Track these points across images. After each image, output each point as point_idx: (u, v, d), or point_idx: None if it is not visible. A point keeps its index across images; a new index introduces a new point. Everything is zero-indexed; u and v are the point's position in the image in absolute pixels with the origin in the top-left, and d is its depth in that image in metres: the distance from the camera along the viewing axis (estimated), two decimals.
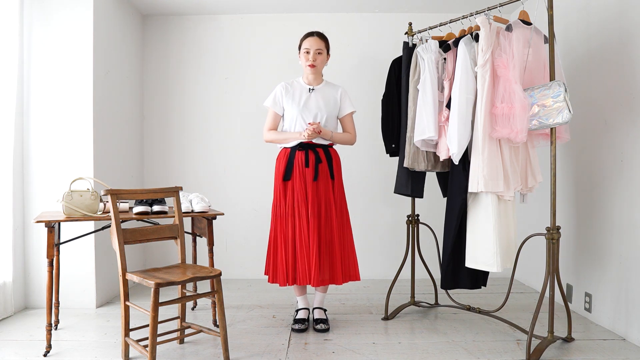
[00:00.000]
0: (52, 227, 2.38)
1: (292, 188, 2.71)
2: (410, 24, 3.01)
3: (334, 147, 2.83)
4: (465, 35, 2.57)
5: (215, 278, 2.26)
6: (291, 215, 2.69)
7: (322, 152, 2.74)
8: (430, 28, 2.86)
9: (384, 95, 3.02)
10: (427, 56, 2.64)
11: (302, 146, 2.72)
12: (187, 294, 2.52)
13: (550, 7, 2.32)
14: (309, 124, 2.64)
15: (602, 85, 2.80)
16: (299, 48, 2.79)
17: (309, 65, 2.72)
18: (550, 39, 2.33)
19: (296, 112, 2.72)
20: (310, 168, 2.69)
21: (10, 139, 3.02)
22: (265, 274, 2.79)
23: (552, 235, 2.33)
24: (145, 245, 4.04)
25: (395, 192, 2.90)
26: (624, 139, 2.61)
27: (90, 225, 3.07)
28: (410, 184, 2.81)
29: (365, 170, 4.01)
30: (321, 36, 2.76)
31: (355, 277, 2.77)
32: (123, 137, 3.69)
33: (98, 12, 3.24)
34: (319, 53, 2.73)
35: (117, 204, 2.38)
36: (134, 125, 3.90)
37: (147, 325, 2.34)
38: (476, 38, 2.49)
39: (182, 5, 3.83)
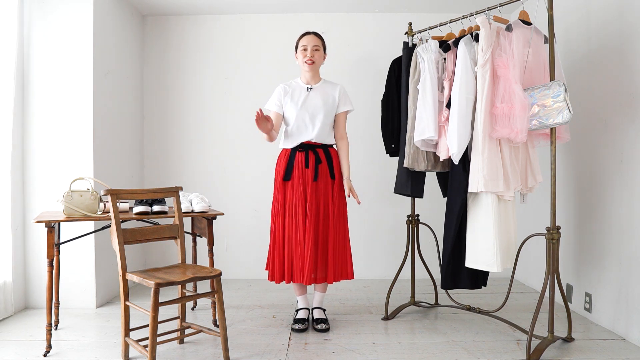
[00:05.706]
0: (52, 227, 2.38)
1: (291, 188, 2.72)
2: (410, 24, 3.01)
3: (334, 146, 2.84)
4: (465, 35, 2.57)
5: (215, 278, 2.26)
6: (289, 215, 2.71)
7: (322, 153, 2.75)
8: (430, 28, 2.86)
9: (384, 95, 3.02)
10: (427, 56, 2.64)
11: (302, 147, 2.73)
12: (187, 294, 2.52)
13: (550, 7, 2.32)
14: (258, 112, 2.50)
15: (602, 85, 2.79)
16: (296, 48, 2.81)
17: (307, 62, 2.72)
18: (550, 39, 2.33)
19: (295, 112, 2.73)
20: (310, 169, 2.70)
21: (10, 138, 3.01)
22: (265, 269, 2.81)
23: (552, 235, 2.33)
24: (145, 245, 4.04)
25: (395, 192, 2.91)
26: (624, 139, 2.61)
27: (90, 225, 3.07)
28: (410, 184, 2.81)
29: (365, 170, 4.00)
30: (317, 35, 2.80)
31: (349, 275, 2.76)
32: (123, 137, 3.69)
33: (98, 12, 3.24)
34: (316, 50, 2.74)
35: (117, 204, 2.38)
36: (134, 125, 3.90)
37: (147, 325, 2.33)
38: (476, 38, 2.49)
39: (182, 5, 3.83)
